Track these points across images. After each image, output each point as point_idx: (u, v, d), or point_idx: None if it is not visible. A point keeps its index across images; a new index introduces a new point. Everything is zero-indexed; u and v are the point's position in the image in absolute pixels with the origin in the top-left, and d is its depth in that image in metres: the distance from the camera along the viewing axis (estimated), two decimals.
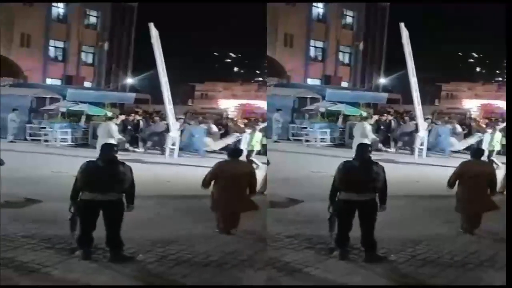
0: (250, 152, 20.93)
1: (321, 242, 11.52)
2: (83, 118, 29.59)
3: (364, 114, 31.27)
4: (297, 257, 10.82)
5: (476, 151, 14.08)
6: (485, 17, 39.82)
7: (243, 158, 15.47)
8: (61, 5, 40.24)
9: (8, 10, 36.75)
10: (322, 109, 31.75)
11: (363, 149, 10.98)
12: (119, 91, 39.33)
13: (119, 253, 10.34)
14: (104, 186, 10.27)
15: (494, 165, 16.82)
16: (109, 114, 29.13)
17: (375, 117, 28.25)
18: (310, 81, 41.18)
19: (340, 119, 30.86)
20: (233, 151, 13.76)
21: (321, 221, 11.35)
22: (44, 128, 29.08)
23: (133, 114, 28.87)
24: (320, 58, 43.80)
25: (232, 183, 12.39)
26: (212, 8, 40.46)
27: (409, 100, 26.50)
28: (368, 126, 23.69)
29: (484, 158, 14.93)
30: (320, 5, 43.25)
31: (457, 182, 12.82)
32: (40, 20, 38.82)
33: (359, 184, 10.59)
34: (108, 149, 10.69)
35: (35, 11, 38.32)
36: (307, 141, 29.95)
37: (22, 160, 22.12)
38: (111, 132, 22.59)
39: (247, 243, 11.66)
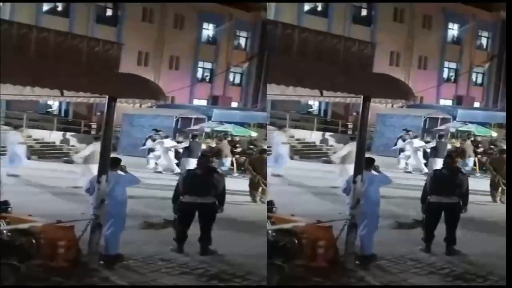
0: None
1: (445, 267, 11.07)
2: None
3: (495, 134, 30.06)
4: (421, 281, 10.40)
5: None
6: None
7: None
8: (211, 27, 40.60)
9: (160, 34, 37.69)
10: (453, 130, 30.78)
11: (450, 159, 12.87)
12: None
13: (207, 248, 11.62)
14: (202, 190, 11.63)
15: None
16: (254, 134, 29.01)
17: None
18: (442, 102, 40.23)
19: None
20: None
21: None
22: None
23: None
24: (452, 79, 42.66)
25: None
26: None
27: None
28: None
29: None
30: (455, 27, 42.16)
31: None
32: (190, 42, 39.27)
33: (447, 189, 12.00)
34: (205, 160, 12.50)
35: (186, 34, 38.84)
36: None
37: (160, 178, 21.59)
38: None
39: None
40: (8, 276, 9.21)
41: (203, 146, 24.67)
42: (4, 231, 9.67)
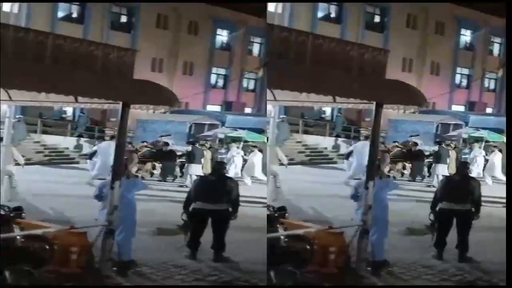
0: None
1: (457, 274, 10.95)
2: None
3: None
4: None
5: None
6: None
7: None
8: (225, 33, 40.59)
9: (174, 40, 37.74)
10: (465, 135, 30.57)
11: (463, 166, 12.99)
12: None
13: (221, 255, 11.45)
14: (214, 197, 11.52)
15: None
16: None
17: None
18: (454, 108, 40.09)
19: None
20: None
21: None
22: None
23: None
24: (465, 85, 42.49)
25: None
26: None
27: None
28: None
29: None
30: (468, 33, 42.05)
31: None
32: (204, 48, 39.27)
33: (459, 195, 11.89)
34: (219, 166, 12.50)
35: (200, 39, 38.85)
36: None
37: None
38: None
39: None
40: (21, 282, 9.19)
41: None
42: (18, 237, 9.66)
